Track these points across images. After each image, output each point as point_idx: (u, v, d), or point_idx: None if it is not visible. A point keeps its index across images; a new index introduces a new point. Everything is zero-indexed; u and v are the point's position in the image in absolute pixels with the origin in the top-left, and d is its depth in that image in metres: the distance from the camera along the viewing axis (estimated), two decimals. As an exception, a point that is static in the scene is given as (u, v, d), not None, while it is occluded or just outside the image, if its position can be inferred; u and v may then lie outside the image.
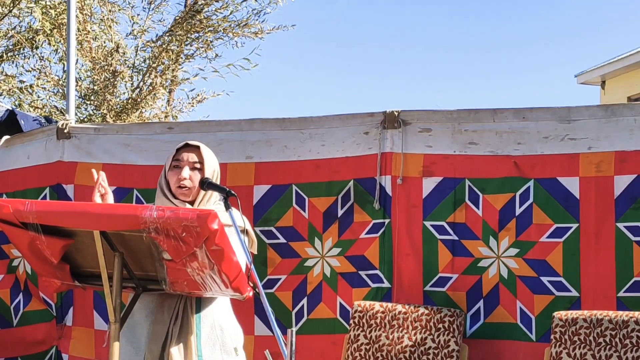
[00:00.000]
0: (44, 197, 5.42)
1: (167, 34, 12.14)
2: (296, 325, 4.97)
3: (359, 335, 4.75)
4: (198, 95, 12.88)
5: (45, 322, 5.47)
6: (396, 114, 4.89)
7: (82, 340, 5.36)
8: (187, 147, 3.83)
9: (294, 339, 3.25)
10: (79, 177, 5.36)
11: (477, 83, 37.33)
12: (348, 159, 4.96)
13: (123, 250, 3.43)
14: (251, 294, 3.52)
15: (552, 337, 4.42)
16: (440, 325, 4.63)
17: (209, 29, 12.29)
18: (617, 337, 4.26)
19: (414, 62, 37.69)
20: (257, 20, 12.34)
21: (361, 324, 4.76)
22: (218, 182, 3.80)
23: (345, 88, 37.23)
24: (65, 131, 5.42)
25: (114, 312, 3.45)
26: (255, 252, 3.89)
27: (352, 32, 39.33)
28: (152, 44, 12.16)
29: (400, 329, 4.69)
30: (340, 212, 4.96)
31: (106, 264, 3.41)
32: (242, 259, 3.50)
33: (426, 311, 4.68)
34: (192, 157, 3.79)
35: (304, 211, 5.02)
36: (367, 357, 4.70)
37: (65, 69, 7.15)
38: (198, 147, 3.82)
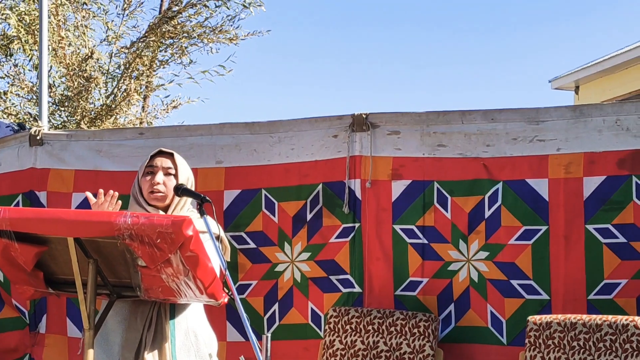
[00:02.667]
0: (17, 204, 5.39)
1: (142, 40, 12.11)
2: (268, 331, 4.96)
3: (334, 340, 4.75)
4: (173, 101, 12.84)
5: (18, 329, 5.43)
6: (364, 116, 4.88)
7: (56, 347, 5.33)
8: (160, 153, 3.86)
9: (269, 345, 3.27)
10: (52, 184, 5.34)
11: (449, 88, 37.39)
12: (317, 162, 4.96)
13: (97, 257, 3.44)
14: (226, 300, 3.54)
15: (526, 341, 4.42)
16: (416, 330, 4.64)
17: (184, 35, 12.27)
18: (591, 340, 4.28)
19: (383, 64, 37.73)
20: (231, 26, 12.33)
21: (336, 330, 4.76)
22: (193, 189, 3.82)
23: (314, 92, 37.23)
24: (38, 138, 5.40)
25: (88, 319, 3.45)
26: (229, 259, 3.90)
27: (322, 36, 39.34)
28: (126, 50, 12.13)
29: (376, 334, 4.70)
30: (309, 216, 4.95)
31: (80, 270, 3.41)
32: (217, 265, 3.51)
33: (401, 316, 4.69)
34: (165, 162, 3.82)
35: (274, 216, 5.02)
36: (342, 363, 4.71)
37: (38, 75, 7.15)
38: (172, 154, 3.85)
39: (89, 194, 3.81)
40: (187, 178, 3.84)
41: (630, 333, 4.22)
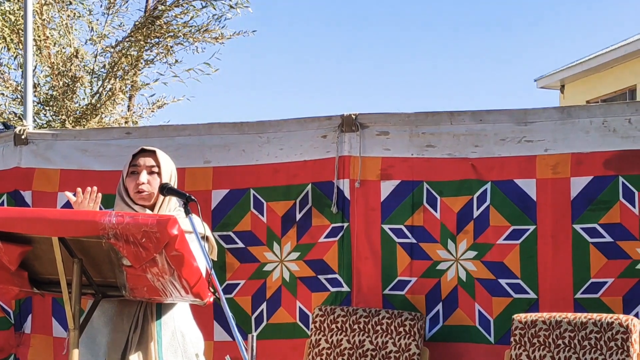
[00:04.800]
0: (2, 204, 5.36)
1: (127, 40, 12.08)
2: (256, 330, 4.95)
3: (320, 339, 4.75)
4: (158, 100, 12.82)
5: (3, 330, 5.41)
6: (354, 117, 4.90)
7: (41, 347, 5.31)
8: (142, 152, 3.85)
9: (254, 344, 3.26)
10: (37, 184, 5.32)
11: (436, 88, 37.53)
12: (306, 162, 4.96)
13: (82, 257, 3.42)
14: (211, 299, 3.52)
15: (511, 339, 4.44)
16: (401, 329, 4.64)
17: (169, 34, 12.25)
18: (576, 338, 4.30)
19: (373, 66, 37.83)
20: (217, 25, 12.31)
21: (322, 329, 4.76)
22: (175, 186, 3.82)
23: (303, 93, 37.30)
24: (23, 137, 5.37)
25: (73, 318, 3.43)
26: (215, 259, 3.89)
27: (311, 37, 39.41)
28: (112, 50, 12.11)
29: (362, 332, 4.70)
30: (298, 216, 4.95)
31: (65, 270, 3.39)
32: (202, 265, 3.50)
33: (387, 315, 4.69)
34: (148, 161, 3.81)
35: (262, 215, 5.01)
36: (329, 362, 4.71)
37: (23, 74, 7.13)
38: (154, 152, 3.84)
39: (68, 194, 3.79)
40: (170, 175, 3.84)
41: (615, 331, 4.24)
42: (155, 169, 3.80)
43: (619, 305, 4.50)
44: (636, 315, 4.42)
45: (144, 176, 3.77)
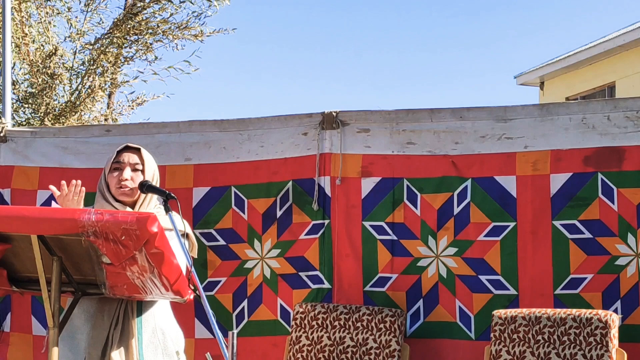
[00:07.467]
0: (-20, 202, 5.34)
1: (106, 36, 12.03)
2: (237, 327, 4.95)
3: (300, 336, 4.75)
4: (138, 98, 12.79)
5: (-17, 328, 5.39)
6: (334, 114, 4.91)
7: (21, 346, 5.28)
8: (127, 149, 3.85)
9: (235, 342, 3.26)
10: (16, 181, 5.30)
11: (416, 85, 37.61)
12: (287, 160, 4.96)
13: (61, 255, 3.40)
14: (192, 297, 3.52)
15: (491, 335, 4.46)
16: (382, 325, 4.65)
17: (149, 31, 12.20)
18: (555, 334, 4.32)
19: (353, 63, 37.88)
20: (197, 22, 12.28)
21: (303, 325, 4.76)
22: (158, 185, 3.81)
23: (284, 90, 37.30)
24: (2, 134, 5.35)
25: (52, 317, 3.42)
26: (196, 256, 3.89)
27: (291, 34, 39.40)
28: (91, 47, 12.05)
29: (342, 329, 4.70)
30: (279, 214, 4.96)
31: (44, 268, 3.37)
32: (183, 262, 3.49)
33: (367, 311, 4.70)
34: (133, 158, 3.80)
35: (243, 213, 5.01)
36: (309, 359, 4.70)
37: (1, 72, 7.08)
38: (139, 149, 3.84)
39: (53, 188, 3.79)
40: (153, 173, 3.83)
41: (594, 326, 4.26)
42: (139, 167, 3.79)
43: (598, 301, 4.52)
44: (615, 311, 4.45)
45: (127, 172, 3.76)
